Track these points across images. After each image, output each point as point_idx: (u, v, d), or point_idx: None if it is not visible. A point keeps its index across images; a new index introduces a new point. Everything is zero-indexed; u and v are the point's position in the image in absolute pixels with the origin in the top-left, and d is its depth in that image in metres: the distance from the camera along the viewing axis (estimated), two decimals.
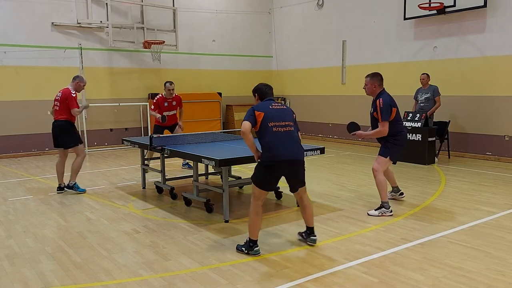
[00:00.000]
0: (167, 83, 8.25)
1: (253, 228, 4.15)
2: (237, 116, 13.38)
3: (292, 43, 13.92)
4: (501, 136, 9.17)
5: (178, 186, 6.72)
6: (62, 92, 6.65)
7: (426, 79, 9.16)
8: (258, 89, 4.53)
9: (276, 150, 4.08)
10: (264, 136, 4.13)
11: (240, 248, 4.22)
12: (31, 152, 10.61)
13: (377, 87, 5.41)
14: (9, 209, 5.89)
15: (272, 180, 4.22)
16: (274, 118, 4.16)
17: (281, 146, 4.10)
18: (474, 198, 6.18)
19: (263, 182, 4.18)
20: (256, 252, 4.12)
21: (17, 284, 3.62)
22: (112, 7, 11.29)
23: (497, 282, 3.54)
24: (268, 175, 4.15)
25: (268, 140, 4.10)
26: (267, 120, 4.13)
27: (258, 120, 4.13)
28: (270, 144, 4.09)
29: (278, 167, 4.12)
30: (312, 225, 4.45)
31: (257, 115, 4.14)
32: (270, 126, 4.12)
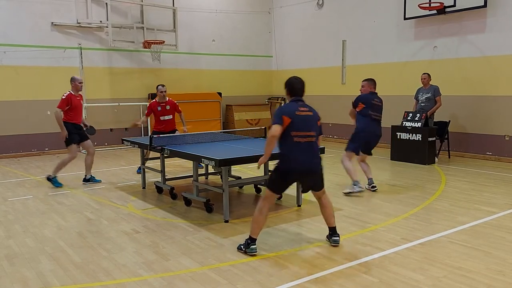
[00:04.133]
0: (159, 86, 8.14)
1: (255, 226, 4.17)
2: (237, 116, 13.38)
3: (292, 43, 13.91)
4: (501, 136, 9.16)
5: (178, 186, 6.71)
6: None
7: (427, 79, 9.15)
8: (289, 83, 4.38)
9: (293, 161, 4.09)
10: (284, 143, 4.11)
11: (239, 247, 4.24)
12: (31, 152, 10.61)
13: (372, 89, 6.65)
14: (8, 209, 5.89)
15: (284, 186, 4.24)
16: (298, 127, 4.09)
17: (299, 157, 4.09)
18: (474, 198, 6.18)
19: (275, 186, 4.22)
20: (252, 250, 4.11)
21: (16, 284, 3.61)
22: (112, 7, 11.29)
23: (497, 282, 3.54)
24: (282, 181, 4.18)
25: (287, 148, 4.10)
26: (291, 129, 4.07)
27: (283, 125, 4.06)
28: (288, 153, 4.10)
29: (293, 176, 4.18)
30: (333, 225, 4.40)
31: (284, 120, 4.06)
32: (292, 135, 4.07)
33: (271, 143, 4.07)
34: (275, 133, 4.02)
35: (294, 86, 4.34)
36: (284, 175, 4.15)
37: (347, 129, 12.32)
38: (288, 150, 4.10)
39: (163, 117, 8.11)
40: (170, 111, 8.19)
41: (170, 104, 8.19)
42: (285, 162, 4.12)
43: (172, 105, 8.23)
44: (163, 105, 8.11)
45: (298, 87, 4.35)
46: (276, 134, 4.03)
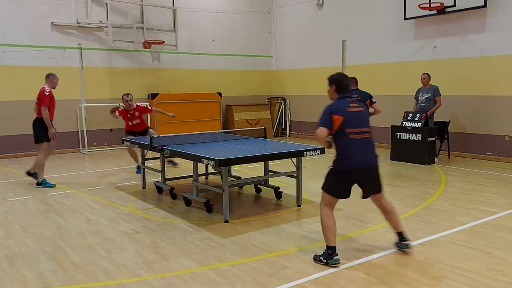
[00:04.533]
0: (124, 95, 8.13)
1: (329, 233, 3.90)
2: (237, 116, 13.38)
3: (292, 43, 13.91)
4: (501, 136, 9.16)
5: (178, 186, 6.71)
6: (39, 90, 7.09)
7: (427, 79, 9.15)
8: (336, 80, 4.12)
9: (351, 158, 3.90)
10: (339, 141, 3.94)
11: (318, 259, 3.93)
12: (31, 152, 10.58)
13: None
14: (8, 209, 5.88)
15: (345, 187, 3.99)
16: (352, 123, 3.92)
17: (357, 154, 3.91)
18: (474, 198, 6.17)
19: (335, 189, 3.99)
20: (336, 262, 3.83)
21: (16, 284, 3.61)
22: (112, 7, 11.29)
23: (498, 282, 3.53)
24: (341, 182, 3.97)
25: (344, 146, 3.93)
26: (345, 126, 3.89)
27: (335, 124, 3.89)
28: (345, 151, 3.92)
29: (352, 174, 3.95)
30: (401, 230, 4.16)
31: (334, 120, 3.89)
32: (347, 132, 3.90)
33: (322, 144, 4.04)
34: (321, 136, 3.89)
35: (342, 83, 4.11)
36: (342, 175, 3.95)
37: None
38: (344, 148, 3.92)
39: (132, 121, 8.25)
40: (138, 116, 8.30)
41: (138, 110, 8.30)
42: (342, 161, 3.93)
43: (140, 111, 8.33)
44: (132, 113, 8.22)
45: (346, 83, 4.14)
46: (322, 137, 3.89)
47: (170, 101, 12.18)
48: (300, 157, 5.68)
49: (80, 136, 11.16)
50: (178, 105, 12.32)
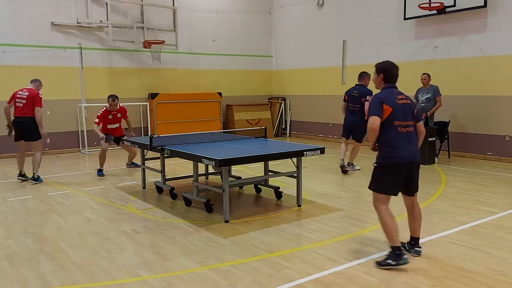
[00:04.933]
0: (110, 99, 8.15)
1: (393, 233, 3.79)
2: (237, 116, 13.37)
3: (292, 43, 13.91)
4: (501, 136, 9.16)
5: (178, 186, 6.71)
6: (28, 90, 7.37)
7: (427, 79, 9.14)
8: (385, 69, 4.00)
9: (399, 151, 3.78)
10: (386, 133, 3.80)
11: (385, 263, 3.78)
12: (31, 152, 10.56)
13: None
14: (8, 209, 5.88)
15: (396, 182, 3.85)
16: (400, 116, 3.81)
17: (404, 146, 3.80)
18: (474, 198, 6.17)
19: (388, 185, 3.84)
20: (406, 261, 3.74)
21: (16, 285, 3.61)
22: (112, 6, 11.28)
23: (498, 282, 3.53)
24: (391, 176, 3.84)
25: (391, 139, 3.80)
26: (393, 118, 3.78)
27: (384, 115, 3.77)
28: (393, 143, 3.80)
29: (400, 168, 3.82)
30: (419, 236, 4.13)
31: (384, 109, 3.76)
32: (395, 125, 3.80)
33: (372, 136, 3.81)
34: (374, 125, 3.74)
35: (392, 72, 3.98)
36: (391, 169, 3.81)
37: None
38: (392, 141, 3.79)
39: (111, 125, 8.29)
40: (119, 119, 8.36)
41: (121, 112, 8.37)
42: (390, 153, 3.80)
43: (123, 112, 8.41)
44: (114, 113, 8.26)
45: (395, 72, 4.00)
46: (375, 127, 3.74)
47: (170, 101, 12.19)
48: (300, 157, 5.68)
49: (80, 136, 11.16)
50: (178, 105, 12.32)
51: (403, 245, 4.19)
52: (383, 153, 3.86)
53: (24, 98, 7.32)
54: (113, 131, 8.36)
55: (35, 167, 7.45)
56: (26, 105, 7.29)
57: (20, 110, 7.34)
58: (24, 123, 7.33)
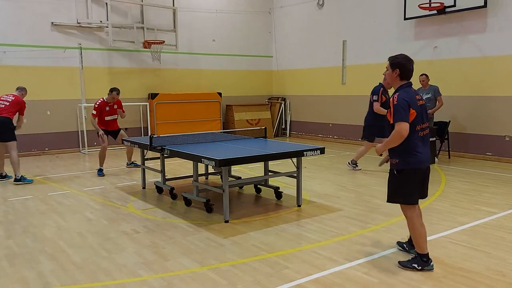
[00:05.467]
0: (114, 92, 8.17)
1: (424, 240, 3.74)
2: (237, 116, 13.38)
3: (292, 43, 13.91)
4: (501, 136, 9.16)
5: (178, 186, 6.71)
6: (14, 96, 7.66)
7: (425, 80, 9.14)
8: (401, 64, 3.69)
9: (421, 156, 3.65)
10: (409, 138, 3.57)
11: (410, 266, 3.75)
12: (31, 152, 10.60)
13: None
14: (9, 209, 5.88)
15: (418, 188, 3.72)
16: (420, 120, 3.64)
17: (424, 151, 3.69)
18: (474, 198, 6.17)
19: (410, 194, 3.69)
20: (432, 267, 3.73)
21: (16, 284, 3.61)
22: (112, 6, 11.29)
23: (498, 282, 3.53)
24: (416, 182, 3.70)
25: (414, 144, 3.62)
26: (416, 122, 3.60)
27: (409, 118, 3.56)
28: (415, 148, 3.63)
29: (422, 172, 3.71)
30: None
31: (411, 114, 3.55)
32: (417, 130, 3.62)
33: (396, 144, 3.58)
34: (405, 133, 3.49)
35: (408, 67, 3.68)
36: (414, 176, 3.67)
37: (347, 129, 12.34)
38: (415, 147, 3.61)
39: (109, 117, 8.29)
40: (116, 111, 8.37)
41: (117, 104, 8.38)
42: (411, 160, 3.63)
43: (119, 104, 8.43)
44: (111, 105, 8.27)
45: (411, 67, 3.71)
46: (405, 135, 3.50)
47: (170, 101, 12.19)
48: (300, 157, 5.68)
49: (80, 136, 11.16)
50: (178, 105, 12.33)
51: (400, 244, 4.19)
52: (402, 159, 3.66)
53: (8, 101, 7.56)
54: (110, 124, 8.34)
55: (15, 168, 7.46)
56: (7, 107, 7.50)
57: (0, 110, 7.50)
58: (4, 124, 7.46)
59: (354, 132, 11.91)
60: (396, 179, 3.73)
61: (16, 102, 7.59)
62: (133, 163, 8.83)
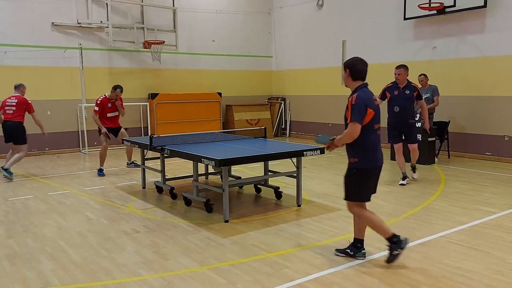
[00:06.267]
0: (118, 89, 8.22)
1: (381, 226, 3.81)
2: (237, 116, 13.39)
3: (292, 43, 13.92)
4: (500, 136, 9.17)
5: (178, 186, 6.72)
6: (16, 97, 7.99)
7: (424, 80, 9.16)
8: (353, 64, 3.79)
9: (378, 155, 3.79)
10: (369, 137, 3.71)
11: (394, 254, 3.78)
12: (31, 152, 10.59)
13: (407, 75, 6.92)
14: (9, 209, 5.90)
15: (371, 188, 3.83)
16: (377, 119, 3.76)
17: (380, 149, 3.84)
18: (473, 198, 6.19)
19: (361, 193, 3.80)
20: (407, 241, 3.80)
21: (17, 284, 3.62)
22: (112, 7, 11.30)
23: (496, 282, 3.55)
24: (371, 181, 3.82)
25: (372, 143, 3.74)
26: (374, 122, 3.71)
27: (366, 119, 3.66)
28: (374, 148, 3.75)
29: (376, 171, 3.83)
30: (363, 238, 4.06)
31: (367, 113, 3.65)
32: (375, 128, 3.75)
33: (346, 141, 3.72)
34: (356, 134, 3.63)
35: (357, 67, 3.78)
36: (370, 174, 3.79)
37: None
38: (372, 145, 3.73)
39: (111, 113, 8.31)
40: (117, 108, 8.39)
41: (119, 100, 8.42)
42: (371, 158, 3.74)
43: (120, 101, 8.46)
44: (113, 102, 8.30)
45: (364, 68, 3.80)
46: (357, 135, 3.63)
47: (170, 101, 12.20)
48: (300, 157, 5.69)
49: (80, 136, 11.17)
50: (178, 105, 12.34)
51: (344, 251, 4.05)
52: (361, 157, 3.75)
53: (13, 105, 7.91)
54: (112, 121, 8.35)
55: (12, 161, 7.81)
56: (15, 111, 7.90)
57: (10, 115, 7.89)
58: (12, 127, 7.88)
59: None
60: (355, 178, 3.81)
61: (20, 103, 7.94)
62: (133, 162, 8.84)
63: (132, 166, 8.82)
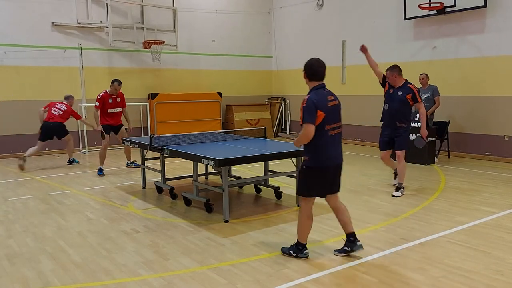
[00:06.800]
0: (116, 83, 8.22)
1: (304, 231, 3.99)
2: (237, 116, 13.39)
3: (292, 43, 13.92)
4: (500, 136, 9.17)
5: (178, 186, 6.72)
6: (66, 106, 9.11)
7: (425, 79, 9.16)
8: (310, 66, 3.93)
9: (329, 155, 3.85)
10: (318, 138, 3.77)
11: (287, 251, 4.08)
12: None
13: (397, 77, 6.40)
14: (9, 209, 5.90)
15: (322, 185, 3.93)
16: (331, 119, 3.81)
17: (334, 150, 3.89)
18: (473, 198, 6.19)
19: (314, 189, 3.91)
20: (306, 255, 4.01)
21: (17, 284, 3.63)
22: (112, 7, 11.30)
23: (496, 282, 3.55)
24: (320, 180, 3.91)
25: (324, 144, 3.81)
26: (325, 123, 3.77)
27: (317, 120, 3.75)
28: (325, 148, 3.83)
29: (328, 173, 3.91)
30: (353, 230, 4.08)
31: (318, 115, 3.73)
32: (327, 129, 3.81)
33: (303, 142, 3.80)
34: (310, 135, 3.71)
35: (317, 69, 3.90)
36: (320, 173, 3.87)
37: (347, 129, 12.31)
38: (323, 146, 3.81)
39: (112, 109, 8.27)
40: (120, 104, 8.37)
41: (120, 96, 8.39)
42: (320, 158, 3.82)
43: (122, 97, 8.43)
44: (114, 97, 8.27)
45: (321, 69, 3.92)
46: (311, 136, 3.71)
47: (170, 101, 12.20)
48: (300, 157, 5.69)
49: (80, 136, 11.17)
50: (178, 105, 12.34)
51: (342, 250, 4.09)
52: (311, 156, 3.86)
53: (62, 111, 9.00)
54: (113, 117, 8.31)
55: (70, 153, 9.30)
56: (61, 115, 8.97)
57: (53, 117, 8.91)
58: (54, 127, 8.94)
59: (354, 132, 11.92)
60: (305, 174, 3.95)
61: (68, 112, 9.05)
62: (133, 162, 8.84)
63: (132, 166, 8.82)
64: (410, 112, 6.44)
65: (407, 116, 6.38)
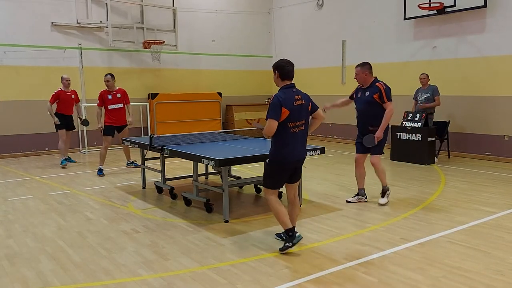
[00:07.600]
0: (107, 76, 8.21)
1: (284, 217, 4.16)
2: (237, 116, 13.39)
3: (292, 43, 13.92)
4: (500, 136, 9.17)
5: (178, 186, 6.72)
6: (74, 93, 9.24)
7: (426, 79, 9.16)
8: (279, 66, 4.16)
9: (289, 150, 4.10)
10: (281, 134, 4.05)
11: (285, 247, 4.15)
12: (31, 152, 10.61)
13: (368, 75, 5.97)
14: (9, 209, 5.89)
15: (283, 178, 4.22)
16: (295, 117, 4.06)
17: (294, 146, 4.12)
18: (473, 198, 6.18)
19: (277, 182, 4.21)
20: (299, 237, 4.15)
21: (16, 284, 3.62)
22: (112, 7, 11.30)
23: (496, 282, 3.55)
24: (280, 173, 4.18)
25: (285, 140, 4.07)
26: (289, 120, 4.03)
27: (281, 117, 4.00)
28: (285, 144, 4.08)
29: (289, 167, 4.16)
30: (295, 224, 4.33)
31: (282, 112, 3.99)
32: (289, 126, 4.05)
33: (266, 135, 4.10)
34: (272, 130, 3.99)
35: (286, 69, 4.15)
36: (280, 167, 4.14)
37: (347, 129, 12.35)
38: (285, 142, 4.07)
39: (113, 105, 8.21)
40: (120, 100, 8.30)
41: (121, 92, 8.34)
42: (281, 153, 4.10)
43: (123, 93, 8.38)
44: (113, 94, 8.23)
45: (290, 69, 4.18)
46: (273, 131, 4.00)
47: (170, 101, 12.20)
48: None
49: (80, 136, 11.17)
50: (178, 105, 12.34)
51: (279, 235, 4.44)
52: (273, 151, 4.15)
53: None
54: (117, 115, 8.25)
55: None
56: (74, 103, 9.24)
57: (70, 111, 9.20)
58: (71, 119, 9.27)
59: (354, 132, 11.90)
60: (268, 168, 4.26)
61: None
62: (133, 162, 8.84)
63: (132, 166, 8.82)
64: (382, 113, 5.67)
65: (379, 118, 5.70)
